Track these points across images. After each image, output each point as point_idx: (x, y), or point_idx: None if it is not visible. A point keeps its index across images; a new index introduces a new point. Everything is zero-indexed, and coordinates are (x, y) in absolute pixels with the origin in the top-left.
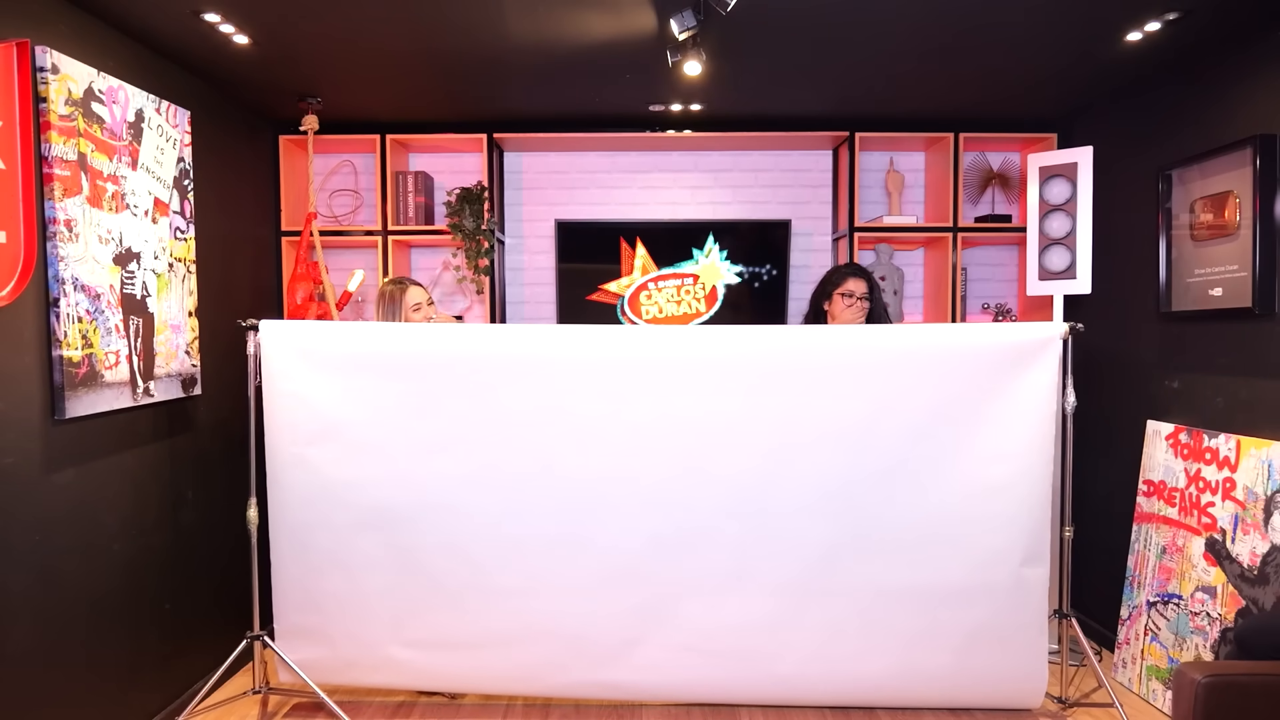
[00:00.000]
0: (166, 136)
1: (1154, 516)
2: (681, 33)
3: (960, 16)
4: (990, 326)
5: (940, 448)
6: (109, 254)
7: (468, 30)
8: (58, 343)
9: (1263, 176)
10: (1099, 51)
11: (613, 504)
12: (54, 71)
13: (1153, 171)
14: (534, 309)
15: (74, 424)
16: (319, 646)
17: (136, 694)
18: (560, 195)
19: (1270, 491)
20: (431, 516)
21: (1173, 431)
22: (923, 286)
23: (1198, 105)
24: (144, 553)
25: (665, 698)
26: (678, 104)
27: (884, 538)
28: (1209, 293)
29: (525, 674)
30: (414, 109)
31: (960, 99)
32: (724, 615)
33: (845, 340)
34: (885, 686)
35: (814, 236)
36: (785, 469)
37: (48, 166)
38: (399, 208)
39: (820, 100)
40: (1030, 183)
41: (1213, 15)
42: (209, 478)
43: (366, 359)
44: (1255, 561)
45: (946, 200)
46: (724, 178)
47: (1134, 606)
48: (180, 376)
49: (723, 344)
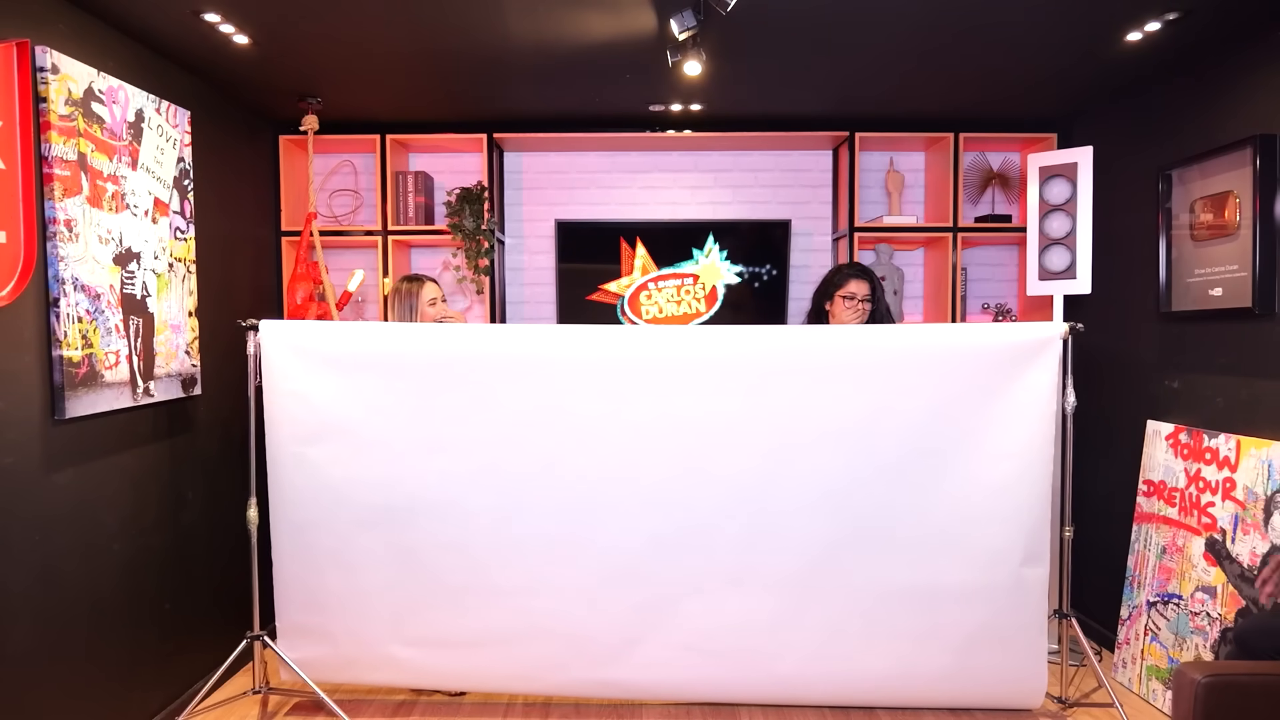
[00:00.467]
0: (166, 136)
1: (1154, 516)
2: (681, 33)
3: (960, 16)
4: (990, 326)
5: (940, 448)
6: (109, 254)
7: (468, 30)
8: (58, 343)
9: (1263, 176)
10: (1099, 51)
11: (613, 503)
12: (54, 71)
13: (1153, 171)
14: (534, 309)
15: (74, 424)
16: (320, 645)
17: (136, 693)
18: (560, 195)
19: (1270, 491)
20: (432, 515)
21: (1173, 431)
22: (923, 286)
23: (1198, 105)
24: (144, 553)
25: (665, 697)
26: (678, 104)
27: (884, 537)
28: (1209, 293)
29: (525, 673)
30: (414, 109)
31: (960, 99)
32: (724, 615)
33: (845, 340)
34: (885, 686)
35: (814, 236)
36: (785, 469)
37: (48, 166)
38: (399, 208)
39: (820, 100)
40: (1030, 183)
41: (1213, 15)
42: (209, 478)
43: (367, 359)
44: (1255, 561)
45: (946, 200)
46: (724, 178)
47: (1134, 606)
48: (180, 376)
49: (723, 344)
